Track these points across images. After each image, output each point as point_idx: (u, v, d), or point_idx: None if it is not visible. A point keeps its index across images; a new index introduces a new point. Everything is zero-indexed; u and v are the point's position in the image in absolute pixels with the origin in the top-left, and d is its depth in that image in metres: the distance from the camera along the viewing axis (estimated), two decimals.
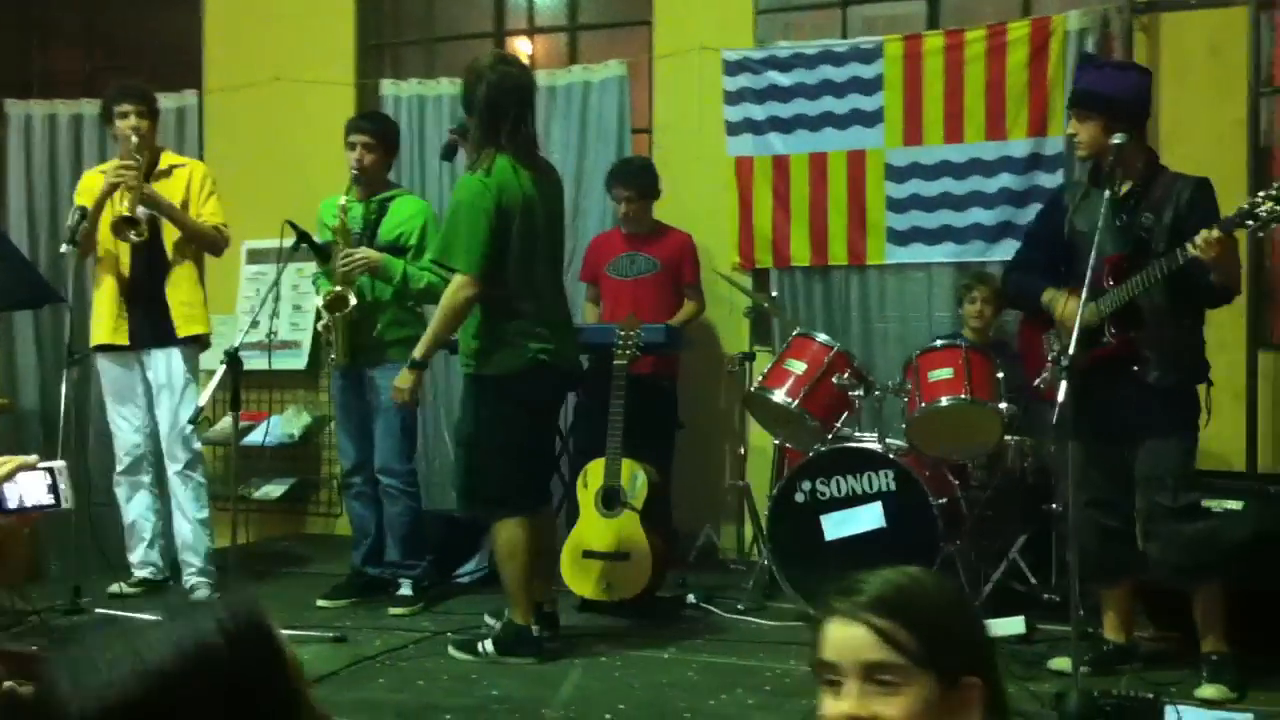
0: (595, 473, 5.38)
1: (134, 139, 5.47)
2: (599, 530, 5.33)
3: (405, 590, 5.52)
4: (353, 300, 5.39)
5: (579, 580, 5.35)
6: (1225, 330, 5.47)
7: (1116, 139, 4.25)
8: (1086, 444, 4.38)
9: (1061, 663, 4.32)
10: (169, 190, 5.61)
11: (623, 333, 5.38)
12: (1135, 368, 4.30)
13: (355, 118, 5.89)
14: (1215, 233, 3.98)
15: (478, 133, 4.63)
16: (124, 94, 5.61)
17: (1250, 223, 4.00)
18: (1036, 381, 4.56)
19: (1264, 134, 5.92)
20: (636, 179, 6.20)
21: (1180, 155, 5.46)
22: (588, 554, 5.34)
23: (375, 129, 5.67)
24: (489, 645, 4.70)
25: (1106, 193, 4.18)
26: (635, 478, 5.32)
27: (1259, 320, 5.77)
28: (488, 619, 5.01)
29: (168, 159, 5.78)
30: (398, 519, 5.57)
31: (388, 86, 7.28)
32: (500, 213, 4.54)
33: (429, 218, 5.65)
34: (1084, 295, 4.00)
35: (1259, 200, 3.99)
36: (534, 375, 4.64)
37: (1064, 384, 3.73)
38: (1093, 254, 4.01)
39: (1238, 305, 5.30)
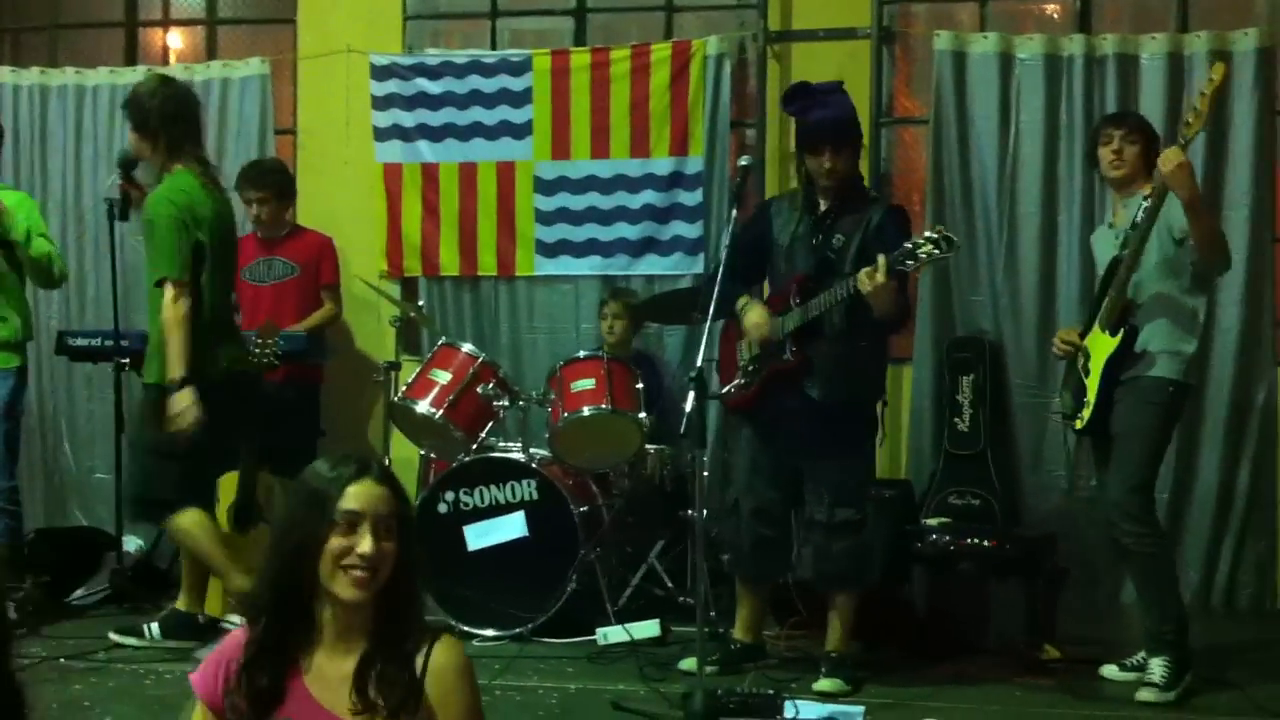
0: (228, 487, 5.13)
1: None
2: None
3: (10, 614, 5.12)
4: None
5: (208, 600, 5.09)
6: None
7: (742, 161, 4.43)
8: (755, 454, 4.54)
9: (690, 663, 4.43)
10: None
11: (260, 340, 5.16)
12: (806, 383, 4.42)
13: None
14: (880, 272, 4.11)
15: (161, 148, 4.76)
16: None
17: (910, 262, 4.18)
18: (726, 389, 4.62)
19: (883, 161, 6.32)
20: (269, 179, 6.02)
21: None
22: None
23: None
24: (155, 629, 4.79)
25: (791, 210, 4.35)
26: (272, 491, 5.12)
27: None
28: (113, 635, 4.80)
29: None
30: None
31: (6, 74, 6.78)
32: (193, 222, 4.68)
33: (33, 205, 5.41)
34: (710, 312, 4.14)
35: (920, 242, 4.16)
36: (231, 382, 4.76)
37: (690, 394, 3.84)
38: (723, 272, 4.16)
39: None
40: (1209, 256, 4.30)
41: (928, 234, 4.20)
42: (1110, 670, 4.56)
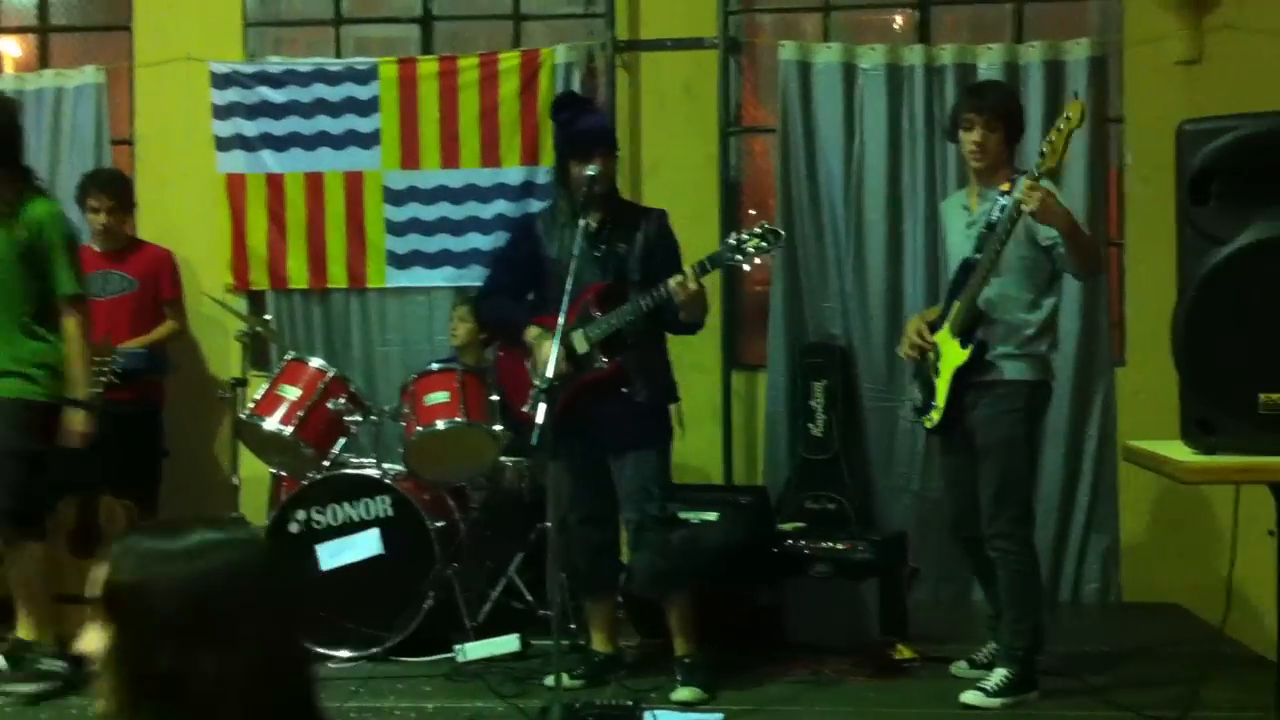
0: (67, 511, 4.96)
1: None
2: (72, 575, 4.92)
3: None
4: None
5: (52, 629, 4.91)
6: (703, 353, 5.84)
7: (590, 170, 4.44)
8: (577, 465, 4.53)
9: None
10: None
11: (97, 358, 5.00)
12: (624, 389, 4.47)
13: None
14: (692, 280, 4.24)
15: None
16: None
17: (739, 257, 4.29)
18: (525, 407, 4.56)
19: (733, 169, 6.38)
20: (112, 187, 5.84)
21: (658, 187, 5.81)
22: (61, 599, 4.92)
23: None
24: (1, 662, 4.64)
25: (583, 223, 4.34)
26: (113, 514, 4.96)
27: (731, 343, 6.19)
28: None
29: None
30: None
31: None
32: None
33: None
34: (560, 322, 4.11)
35: (745, 238, 4.28)
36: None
37: (541, 405, 3.82)
38: (569, 282, 4.16)
39: (713, 329, 5.69)
40: (1090, 269, 4.38)
41: (751, 229, 4.31)
42: (960, 668, 4.64)
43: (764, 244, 4.27)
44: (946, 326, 4.44)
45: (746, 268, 4.45)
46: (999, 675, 4.32)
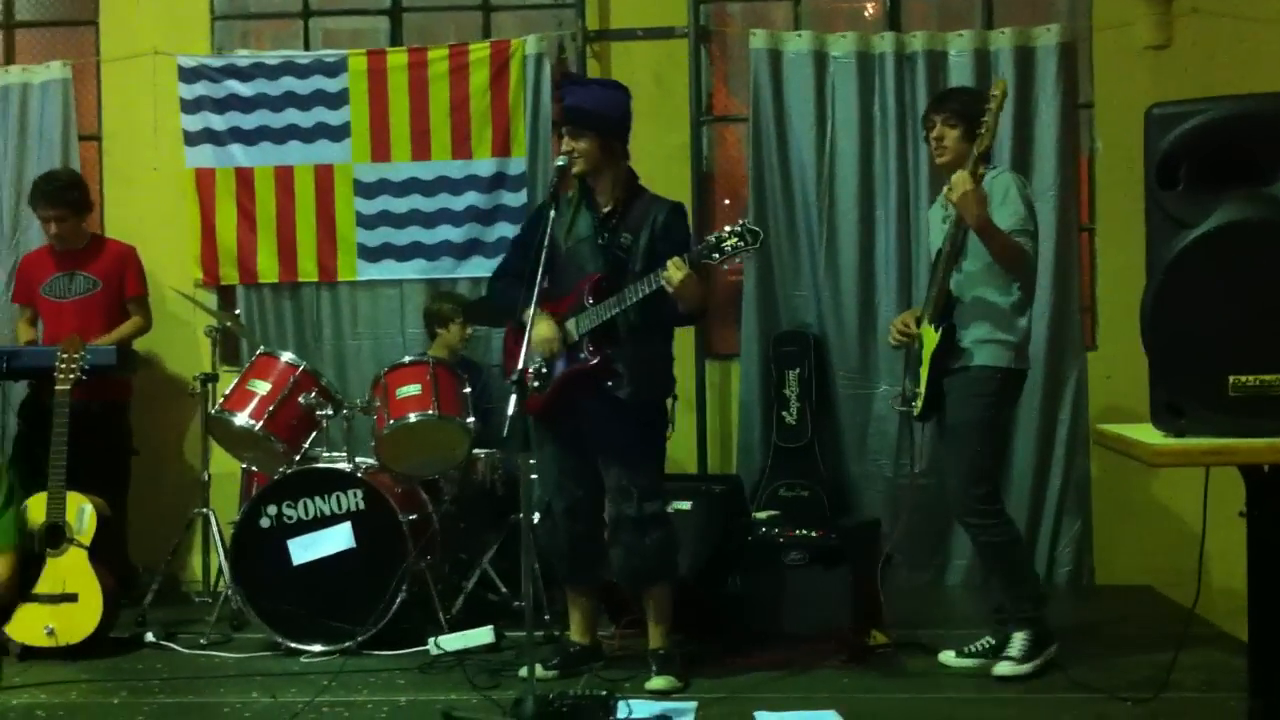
0: (36, 508, 4.94)
1: None
2: (45, 569, 4.90)
3: None
4: None
5: (20, 626, 4.87)
6: (677, 343, 5.78)
7: (559, 161, 4.41)
8: (562, 454, 4.51)
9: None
10: None
11: (64, 355, 4.99)
12: (609, 383, 4.40)
13: None
14: (675, 269, 4.16)
15: None
16: None
17: (716, 255, 4.21)
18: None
19: (705, 159, 6.37)
20: (64, 197, 5.73)
21: None
22: (29, 597, 4.89)
23: None
24: None
25: (569, 210, 4.30)
26: (82, 511, 4.93)
27: (705, 332, 6.18)
28: None
29: None
30: None
31: None
32: None
33: None
34: (530, 313, 4.09)
35: (725, 235, 4.19)
36: None
37: (513, 397, 3.79)
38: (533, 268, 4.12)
39: None
40: (1009, 269, 4.36)
41: (731, 227, 4.22)
42: (948, 656, 4.62)
43: (741, 243, 4.18)
44: (926, 316, 4.48)
45: (725, 267, 4.37)
46: (1019, 641, 4.39)
